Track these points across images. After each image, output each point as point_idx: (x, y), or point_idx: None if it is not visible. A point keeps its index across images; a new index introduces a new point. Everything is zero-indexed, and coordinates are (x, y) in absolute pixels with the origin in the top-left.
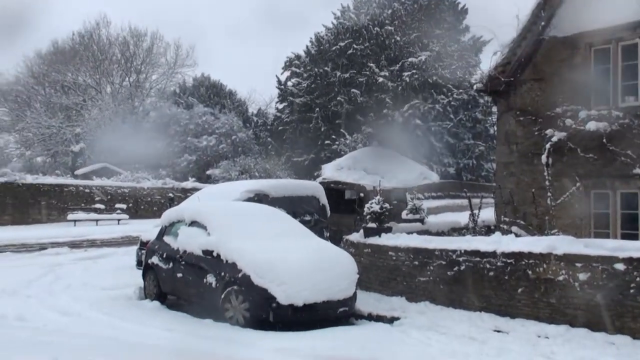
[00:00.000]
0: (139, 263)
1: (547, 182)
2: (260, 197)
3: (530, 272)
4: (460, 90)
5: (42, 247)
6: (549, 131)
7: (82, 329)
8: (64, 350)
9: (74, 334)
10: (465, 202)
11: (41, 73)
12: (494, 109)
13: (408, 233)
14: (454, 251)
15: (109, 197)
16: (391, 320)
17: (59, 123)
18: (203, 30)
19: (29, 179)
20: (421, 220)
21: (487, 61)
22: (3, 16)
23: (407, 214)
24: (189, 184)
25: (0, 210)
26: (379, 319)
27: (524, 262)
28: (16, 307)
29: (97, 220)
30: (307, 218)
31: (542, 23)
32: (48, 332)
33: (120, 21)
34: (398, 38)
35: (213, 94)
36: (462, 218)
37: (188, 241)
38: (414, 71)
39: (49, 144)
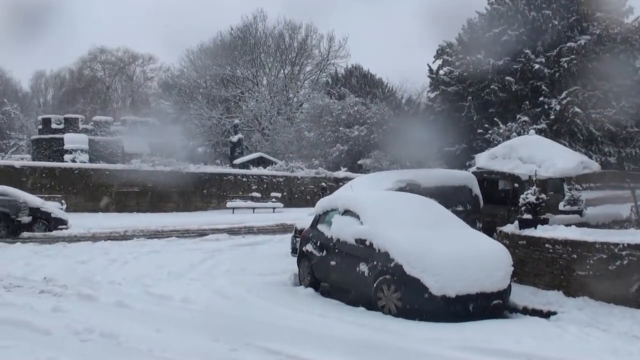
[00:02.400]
0: (293, 250)
1: None
2: (412, 187)
3: None
4: (624, 76)
5: (203, 233)
6: None
7: (240, 312)
8: (224, 332)
9: (233, 316)
10: (627, 193)
11: (203, 67)
12: None
13: (566, 225)
14: (616, 244)
15: (265, 186)
16: (547, 314)
17: (219, 115)
18: (355, 20)
19: (192, 168)
20: (579, 212)
21: None
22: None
23: (564, 205)
24: (341, 173)
25: (165, 198)
26: (534, 313)
27: None
28: (181, 289)
29: (253, 208)
30: (460, 208)
31: None
32: (210, 314)
33: (276, 15)
34: (556, 22)
35: (364, 84)
36: (624, 210)
37: (341, 230)
38: (573, 56)
39: (210, 134)
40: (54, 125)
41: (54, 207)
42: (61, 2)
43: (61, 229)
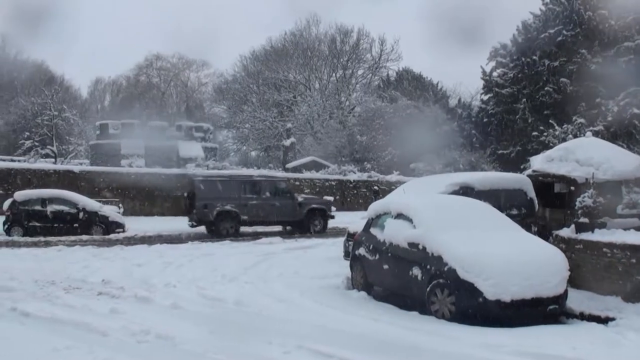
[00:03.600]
0: (346, 254)
1: None
2: (465, 190)
3: None
4: None
5: (256, 236)
6: None
7: (294, 315)
8: (278, 336)
9: (286, 319)
10: None
11: (256, 71)
12: None
13: (624, 229)
14: None
15: (317, 189)
16: (605, 320)
17: (272, 119)
18: (406, 23)
19: (245, 172)
20: (638, 216)
21: None
22: (225, 21)
23: (622, 209)
24: (394, 177)
25: None
26: (591, 319)
27: None
28: (235, 292)
29: None
30: (514, 212)
31: None
32: (263, 317)
33: (328, 19)
34: (612, 22)
35: (416, 87)
36: None
37: (394, 233)
38: (631, 56)
39: (263, 138)
40: (111, 131)
41: (111, 211)
42: (118, 12)
43: (118, 232)
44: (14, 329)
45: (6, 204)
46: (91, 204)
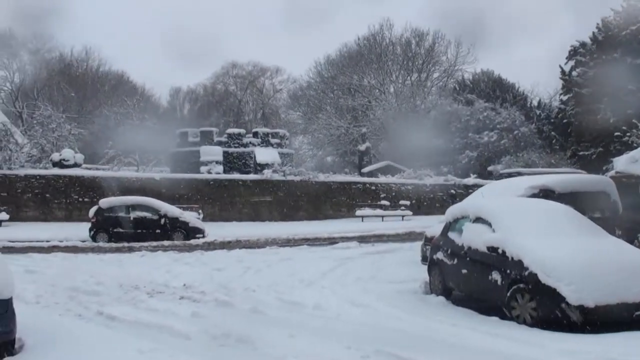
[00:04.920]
0: (423, 258)
1: None
2: (545, 193)
3: None
4: None
5: (333, 241)
6: None
7: (371, 320)
8: (355, 339)
9: (364, 323)
10: None
11: (330, 77)
12: None
13: None
14: None
15: (393, 194)
16: None
17: (347, 124)
18: (482, 24)
19: (321, 177)
20: None
21: None
22: (297, 27)
23: None
24: (471, 180)
25: (296, 207)
26: None
27: None
28: (313, 296)
29: (382, 216)
30: (597, 215)
31: None
32: (341, 321)
33: (402, 22)
34: None
35: (493, 89)
36: None
37: (472, 237)
38: None
39: (338, 144)
40: (190, 139)
41: (191, 217)
42: (195, 22)
43: (198, 237)
44: (101, 331)
45: (92, 211)
46: (172, 210)
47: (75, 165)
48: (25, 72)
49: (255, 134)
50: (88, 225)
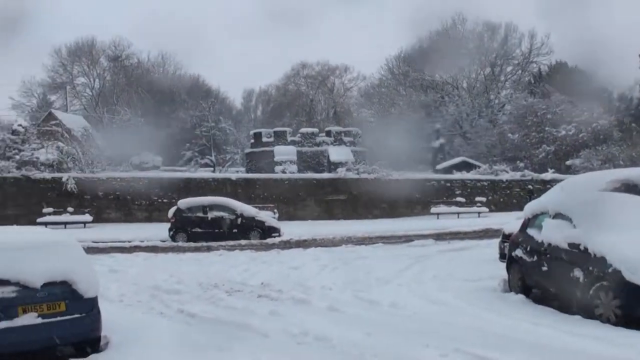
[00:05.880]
0: (501, 255)
1: None
2: (628, 188)
3: None
4: None
5: (409, 239)
6: None
7: (449, 318)
8: (433, 338)
9: (441, 322)
10: None
11: (401, 73)
12: None
13: None
14: None
15: (469, 190)
16: None
17: (420, 120)
18: (554, 14)
19: (395, 175)
20: None
21: None
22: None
23: None
24: (548, 175)
25: (370, 205)
26: None
27: None
28: (389, 294)
29: (458, 213)
30: None
31: None
32: (418, 320)
33: (474, 16)
34: None
35: (570, 81)
36: None
37: (552, 234)
38: None
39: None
40: (264, 139)
41: (267, 216)
42: (262, 26)
43: (274, 236)
44: (182, 329)
45: (171, 211)
46: (248, 209)
47: (154, 167)
48: (105, 78)
49: (328, 133)
50: (167, 225)
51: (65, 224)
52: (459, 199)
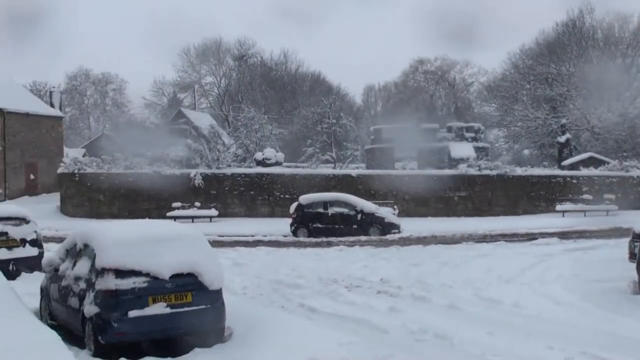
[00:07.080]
0: (631, 255)
1: None
2: None
3: None
4: None
5: (532, 237)
6: None
7: (574, 320)
8: (558, 339)
9: (567, 323)
10: None
11: (525, 67)
12: None
13: None
14: None
15: (596, 187)
16: None
17: (544, 115)
18: None
19: (518, 171)
20: None
21: None
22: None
23: None
24: None
25: (492, 202)
26: None
27: None
28: (511, 293)
29: (584, 211)
30: None
31: None
32: (542, 320)
33: (605, 6)
34: None
35: None
36: None
37: None
38: None
39: (535, 136)
40: (385, 135)
41: (387, 213)
42: (381, 23)
43: (394, 233)
44: (303, 323)
45: (292, 207)
46: (368, 206)
47: (277, 163)
48: (231, 77)
49: (450, 129)
50: (289, 220)
51: (192, 217)
52: (585, 196)
